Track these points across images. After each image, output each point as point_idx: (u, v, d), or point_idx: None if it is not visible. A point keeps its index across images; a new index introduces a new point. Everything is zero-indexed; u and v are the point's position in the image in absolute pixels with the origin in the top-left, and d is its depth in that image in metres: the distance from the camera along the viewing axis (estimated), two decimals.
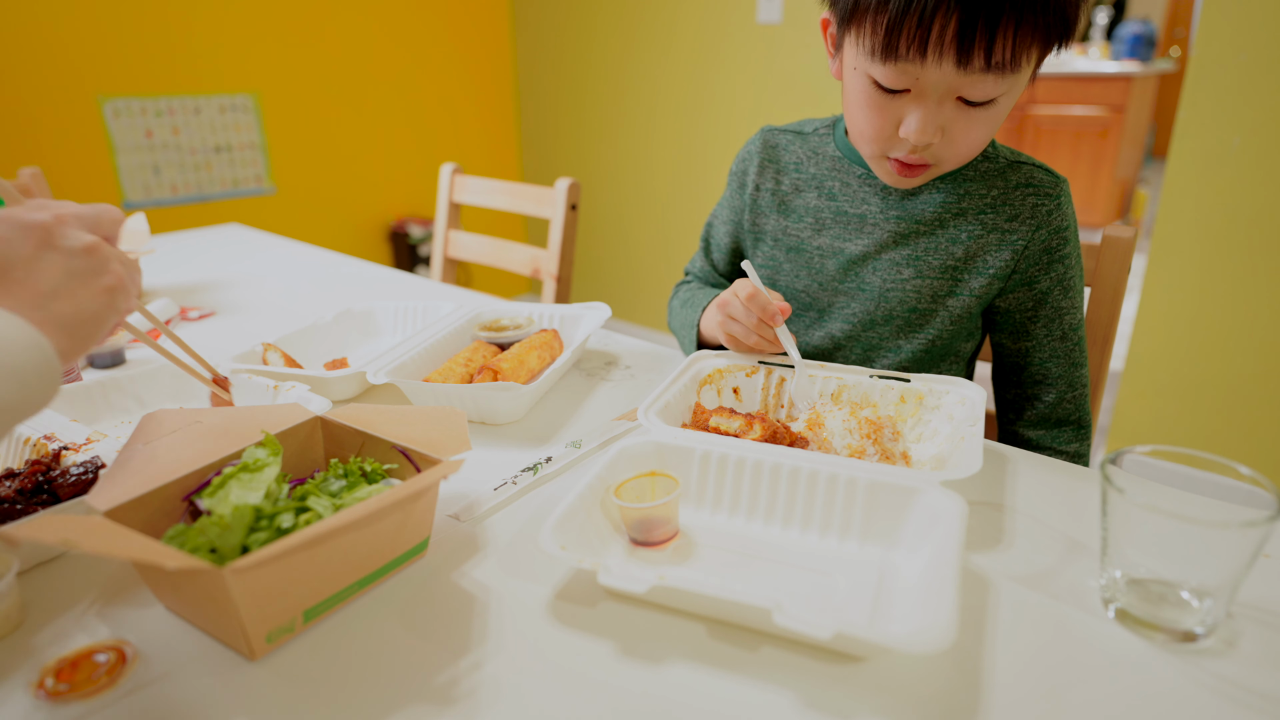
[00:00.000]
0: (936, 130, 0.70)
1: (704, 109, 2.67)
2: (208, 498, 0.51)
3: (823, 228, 0.87)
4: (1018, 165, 0.82)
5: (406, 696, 0.44)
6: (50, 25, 2.09)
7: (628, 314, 3.15)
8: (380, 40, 2.76)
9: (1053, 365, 0.84)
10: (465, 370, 0.83)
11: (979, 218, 0.81)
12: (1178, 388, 1.85)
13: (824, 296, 0.88)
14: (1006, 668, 0.46)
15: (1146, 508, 0.45)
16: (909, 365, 0.86)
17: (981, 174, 0.82)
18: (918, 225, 0.82)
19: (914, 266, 0.83)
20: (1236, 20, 1.59)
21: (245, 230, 1.75)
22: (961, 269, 0.82)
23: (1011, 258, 0.81)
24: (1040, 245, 0.80)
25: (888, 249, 0.83)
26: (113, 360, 0.94)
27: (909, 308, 0.84)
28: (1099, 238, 0.94)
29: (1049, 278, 0.82)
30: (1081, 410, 0.86)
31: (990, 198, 0.81)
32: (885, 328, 0.86)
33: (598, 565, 0.49)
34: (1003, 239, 0.80)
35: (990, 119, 0.71)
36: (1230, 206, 1.68)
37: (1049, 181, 0.81)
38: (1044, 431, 0.86)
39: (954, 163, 0.75)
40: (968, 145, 0.73)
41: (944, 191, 0.82)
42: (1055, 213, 0.80)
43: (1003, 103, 0.70)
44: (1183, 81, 1.74)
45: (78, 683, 0.45)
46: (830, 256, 0.86)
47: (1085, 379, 0.86)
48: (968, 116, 0.70)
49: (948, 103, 0.69)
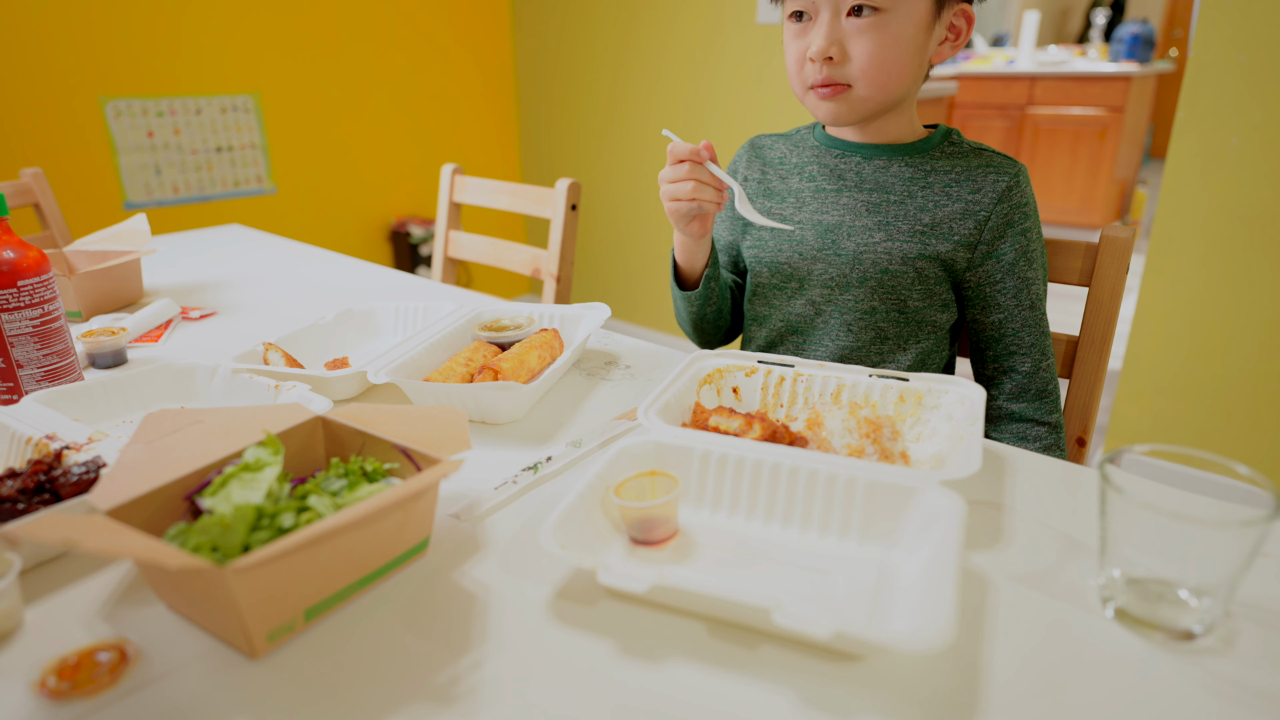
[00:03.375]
0: (833, 43, 0.81)
1: (704, 109, 2.67)
2: (209, 497, 0.51)
3: (803, 205, 0.95)
4: (980, 151, 0.91)
5: (407, 695, 0.45)
6: (52, 26, 2.09)
7: (628, 314, 3.16)
8: (381, 41, 2.76)
9: (1025, 334, 0.91)
10: (465, 370, 0.83)
11: (945, 190, 0.89)
12: (1176, 387, 1.85)
13: (804, 266, 0.94)
14: (1005, 666, 0.46)
15: (1145, 507, 0.46)
16: (884, 327, 0.93)
17: (947, 155, 0.91)
18: (888, 196, 0.91)
19: (884, 231, 0.90)
20: (1234, 21, 1.59)
21: (246, 230, 1.75)
22: (929, 234, 0.89)
23: (975, 227, 0.88)
24: (1002, 217, 0.88)
25: (861, 217, 0.91)
26: (114, 360, 0.94)
27: (881, 269, 0.90)
28: (1097, 238, 0.94)
29: (1013, 249, 0.88)
30: (1053, 381, 0.92)
31: (954, 174, 0.89)
32: (860, 289, 0.92)
33: (598, 564, 0.49)
34: (966, 209, 0.88)
35: (881, 31, 0.80)
36: (1228, 206, 1.68)
37: (1008, 164, 0.89)
38: (1025, 404, 0.91)
39: (865, 83, 0.83)
40: (867, 59, 0.82)
41: (913, 168, 0.90)
42: (1015, 189, 0.88)
43: (890, 19, 0.80)
44: (1181, 82, 1.74)
45: (79, 681, 0.45)
46: (809, 228, 0.94)
47: (1052, 350, 0.93)
48: (858, 29, 0.81)
49: (839, 19, 0.81)
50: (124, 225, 1.22)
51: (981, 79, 4.51)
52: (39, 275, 0.78)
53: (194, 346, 1.03)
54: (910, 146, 0.91)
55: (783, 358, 0.77)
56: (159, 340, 1.05)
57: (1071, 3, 6.93)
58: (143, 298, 1.23)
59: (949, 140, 0.92)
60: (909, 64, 0.83)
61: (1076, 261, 0.97)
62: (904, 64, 0.83)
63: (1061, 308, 1.75)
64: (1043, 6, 6.45)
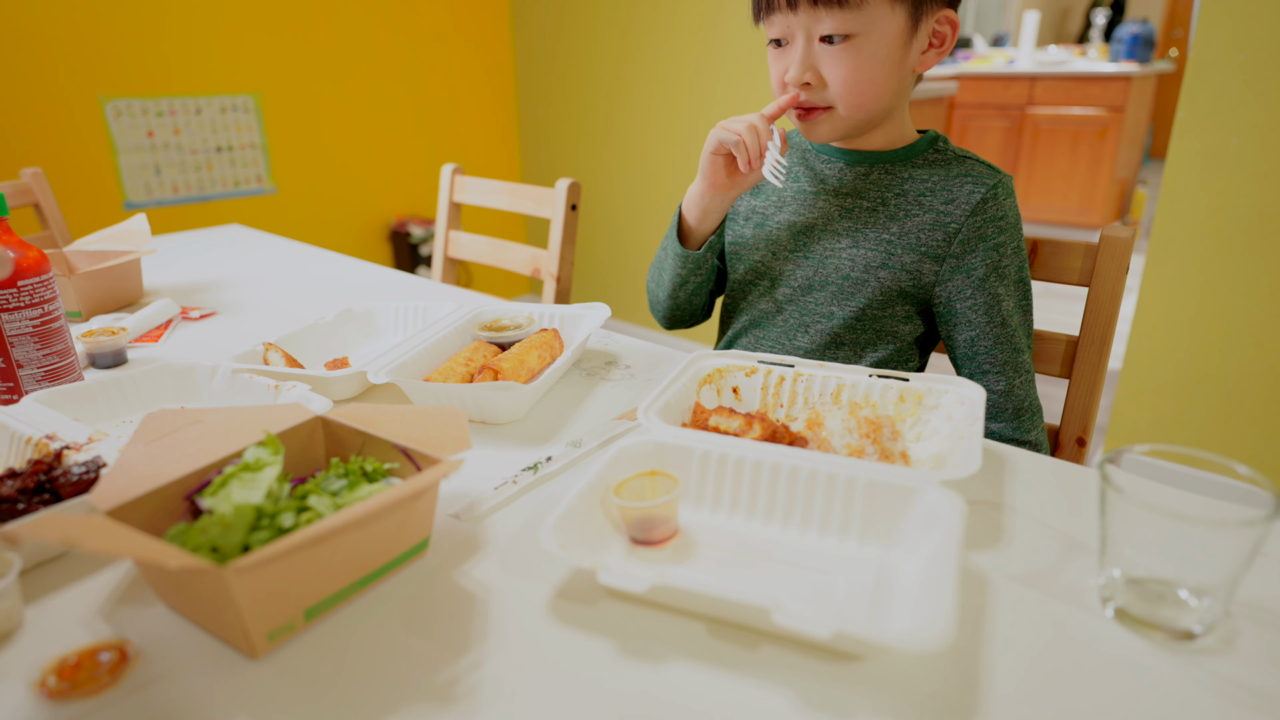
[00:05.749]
0: (808, 68, 0.83)
1: (703, 109, 2.67)
2: (209, 497, 0.51)
3: (784, 205, 0.96)
4: (963, 159, 0.89)
5: (407, 695, 0.45)
6: (52, 26, 2.09)
7: (628, 314, 3.16)
8: (381, 41, 2.76)
9: (998, 352, 0.88)
10: (465, 370, 0.83)
11: (918, 199, 0.88)
12: (1176, 387, 1.85)
13: (776, 265, 0.95)
14: (1005, 666, 0.46)
15: (1145, 507, 0.46)
16: (840, 332, 0.92)
17: (928, 163, 0.89)
18: (861, 201, 0.90)
19: (851, 236, 0.90)
20: (1234, 21, 1.59)
21: (246, 230, 1.75)
22: (895, 243, 0.88)
23: (944, 239, 0.87)
24: (974, 230, 0.86)
25: (833, 221, 0.92)
26: (114, 360, 0.94)
27: (843, 274, 0.90)
28: (1097, 238, 0.94)
29: (984, 264, 0.86)
30: (1031, 396, 0.90)
31: (930, 183, 0.88)
32: (821, 293, 0.92)
33: (598, 564, 0.49)
34: (937, 220, 0.87)
35: (854, 53, 0.80)
36: (1228, 206, 1.68)
37: (988, 174, 0.87)
38: (1002, 424, 0.89)
39: (845, 105, 0.84)
40: (843, 83, 0.82)
41: (891, 174, 0.90)
42: (990, 202, 0.85)
43: (864, 42, 0.80)
44: (1181, 82, 1.74)
45: (79, 681, 0.45)
46: (785, 229, 0.95)
47: (1029, 364, 0.90)
48: (831, 54, 0.82)
49: (814, 44, 0.82)
50: (124, 225, 1.22)
51: (981, 79, 4.52)
52: (39, 275, 0.78)
53: (194, 346, 1.03)
54: (893, 154, 0.90)
55: (783, 358, 0.77)
56: (159, 340, 1.05)
57: (1071, 3, 6.93)
58: (143, 298, 1.23)
59: (934, 147, 0.90)
60: (887, 81, 0.83)
61: (1076, 261, 0.97)
62: (881, 82, 0.83)
63: (1061, 308, 1.75)
64: (1043, 6, 6.45)
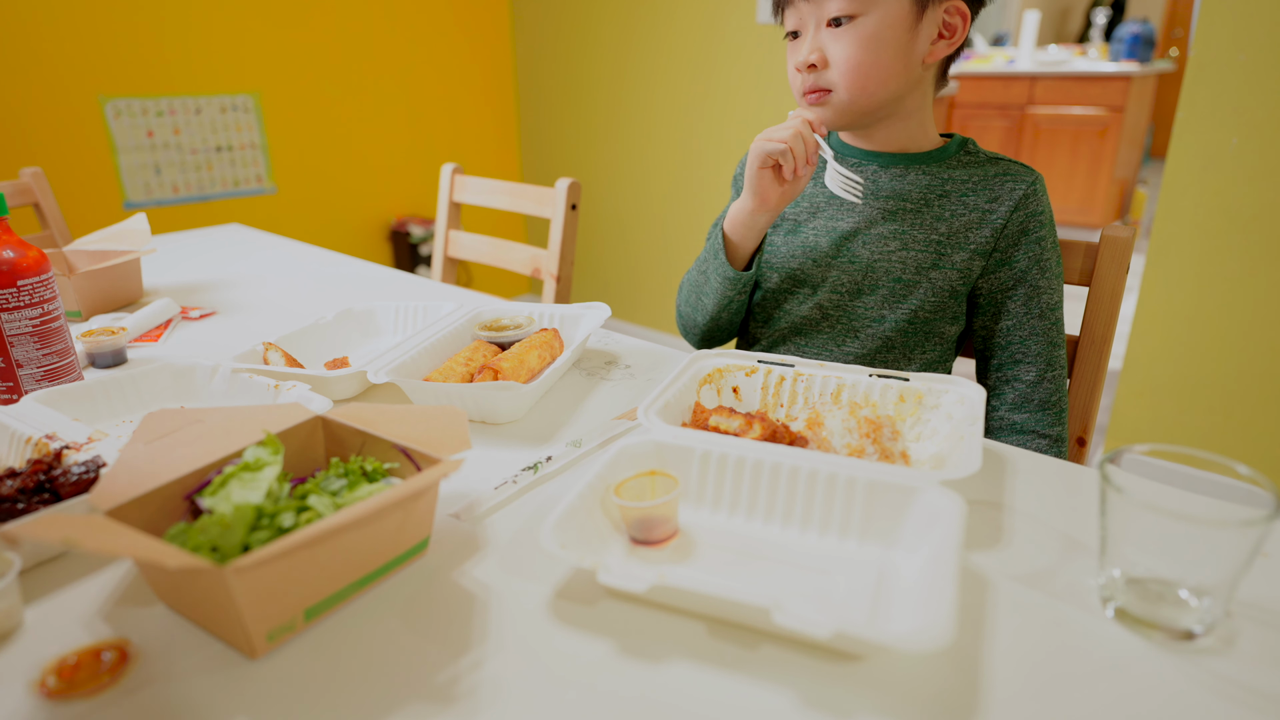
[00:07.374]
0: (814, 51, 0.85)
1: (704, 109, 2.67)
2: (209, 497, 0.51)
3: (818, 210, 0.95)
4: (996, 160, 0.91)
5: (407, 695, 0.45)
6: (51, 25, 2.09)
7: (628, 314, 3.16)
8: (381, 40, 2.76)
9: (1032, 343, 0.90)
10: (465, 370, 0.83)
11: (961, 199, 0.89)
12: (1176, 387, 1.85)
13: (817, 272, 0.94)
14: (1005, 666, 0.46)
15: (1145, 507, 0.46)
16: (892, 336, 0.92)
17: (963, 164, 0.91)
18: (904, 204, 0.90)
19: (900, 239, 0.90)
20: (1235, 21, 1.59)
21: (246, 230, 1.75)
22: (945, 243, 0.89)
23: (991, 235, 0.88)
24: (1018, 226, 0.88)
25: (876, 225, 0.91)
26: (114, 360, 0.94)
27: (894, 278, 0.91)
28: (1098, 238, 0.94)
29: (1027, 256, 0.88)
30: (1060, 393, 0.90)
31: (972, 183, 0.90)
32: (871, 297, 0.92)
33: (598, 564, 0.49)
34: (983, 218, 0.88)
35: (856, 34, 0.82)
36: (1228, 206, 1.68)
37: (1025, 172, 0.89)
38: (1027, 415, 0.90)
39: (846, 87, 0.85)
40: (845, 63, 0.84)
41: (930, 176, 0.91)
42: (1031, 198, 0.88)
43: (866, 22, 0.82)
44: (1181, 82, 1.74)
45: (79, 682, 0.45)
46: (824, 235, 0.94)
47: (1063, 361, 0.91)
48: (836, 35, 0.84)
49: (822, 29, 0.85)
50: (124, 225, 1.22)
51: (981, 78, 4.51)
52: (39, 275, 0.78)
53: (194, 346, 1.03)
54: (927, 155, 0.91)
55: (783, 357, 0.77)
56: (159, 340, 1.05)
57: (1071, 2, 6.93)
58: (143, 297, 1.23)
59: (965, 150, 0.92)
60: (891, 65, 0.83)
61: (1076, 261, 0.97)
62: (884, 65, 0.83)
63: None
64: (1043, 6, 6.45)
